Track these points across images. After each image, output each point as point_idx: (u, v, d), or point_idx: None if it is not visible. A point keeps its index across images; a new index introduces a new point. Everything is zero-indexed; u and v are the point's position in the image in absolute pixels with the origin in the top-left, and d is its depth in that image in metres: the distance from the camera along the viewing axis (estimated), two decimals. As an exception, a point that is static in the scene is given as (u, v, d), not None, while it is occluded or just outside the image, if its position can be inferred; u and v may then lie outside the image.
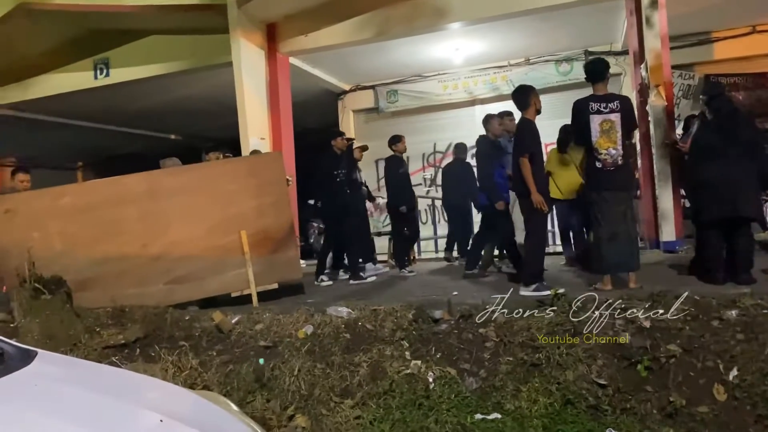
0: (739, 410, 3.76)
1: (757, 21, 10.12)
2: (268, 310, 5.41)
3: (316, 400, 4.42)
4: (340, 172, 7.59)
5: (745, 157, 5.07)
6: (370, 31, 9.29)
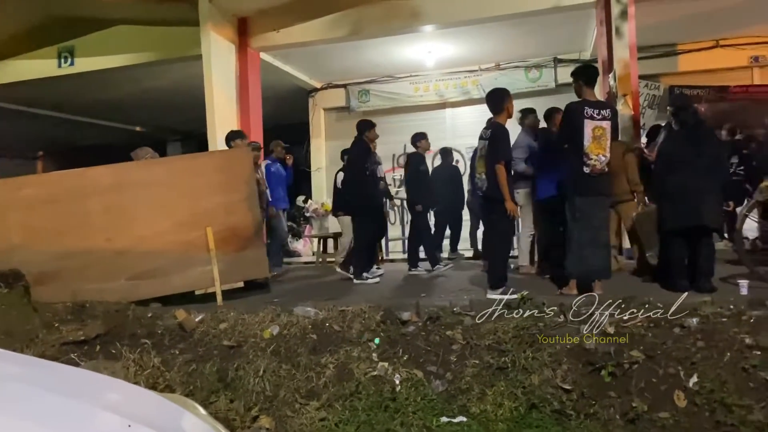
0: (699, 416, 3.84)
1: (721, 35, 10.40)
2: (232, 309, 5.33)
3: (281, 401, 4.36)
4: (368, 166, 7.40)
5: (710, 169, 5.18)
6: (343, 30, 9.25)
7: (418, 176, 8.13)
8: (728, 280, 5.46)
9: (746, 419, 3.71)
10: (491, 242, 5.62)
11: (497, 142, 5.43)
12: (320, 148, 13.09)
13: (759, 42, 10.40)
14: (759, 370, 3.95)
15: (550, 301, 4.85)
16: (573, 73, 5.54)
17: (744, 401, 3.80)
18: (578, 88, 5.38)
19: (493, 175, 5.33)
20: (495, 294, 5.25)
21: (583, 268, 5.24)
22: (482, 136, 5.60)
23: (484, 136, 5.55)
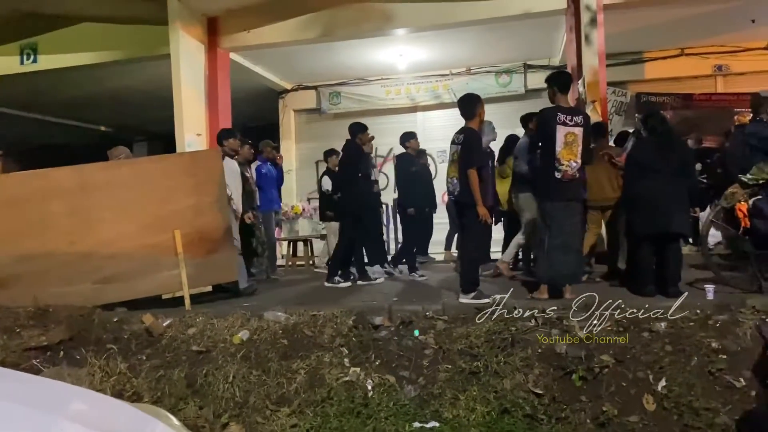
0: (667, 420, 3.90)
1: (686, 44, 10.63)
2: (201, 314, 5.24)
3: (251, 407, 4.30)
4: (360, 168, 7.30)
5: (678, 175, 5.27)
6: (314, 31, 9.19)
7: (409, 178, 7.97)
8: (694, 285, 5.56)
9: (713, 422, 3.79)
10: (463, 246, 5.62)
11: (470, 148, 5.44)
12: (290, 150, 12.97)
13: (722, 51, 10.65)
14: (725, 374, 4.04)
15: (521, 305, 4.87)
16: (547, 79, 5.58)
17: (711, 404, 3.88)
18: (552, 94, 5.42)
19: (466, 180, 5.34)
20: (467, 298, 5.25)
21: (553, 272, 5.28)
22: (454, 141, 5.60)
23: (457, 141, 5.55)
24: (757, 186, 5.05)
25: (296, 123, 13.01)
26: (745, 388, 3.91)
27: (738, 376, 3.99)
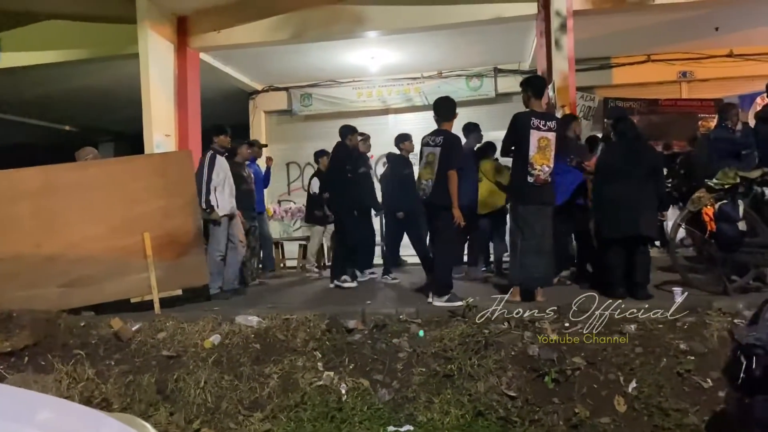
0: (638, 421, 3.96)
1: (652, 51, 10.83)
2: (171, 318, 5.17)
3: (223, 413, 4.25)
4: (349, 169, 7.21)
5: (647, 179, 5.36)
6: (286, 32, 9.11)
7: (402, 180, 7.66)
8: (662, 287, 5.66)
9: (682, 423, 3.86)
10: (437, 249, 5.62)
11: (452, 149, 5.47)
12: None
13: (687, 58, 10.86)
14: (693, 375, 4.13)
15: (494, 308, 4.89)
16: (522, 83, 5.62)
17: (680, 405, 3.96)
18: (526, 98, 5.46)
19: (445, 182, 5.35)
20: (440, 301, 5.26)
21: (525, 275, 5.32)
22: (428, 143, 5.59)
23: (432, 143, 5.55)
24: (722, 190, 5.17)
25: (267, 124, 12.87)
26: (712, 389, 3.99)
27: (705, 376, 4.08)
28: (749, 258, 5.19)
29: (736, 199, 5.09)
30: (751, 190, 5.17)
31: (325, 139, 12.51)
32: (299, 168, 12.72)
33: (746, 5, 8.38)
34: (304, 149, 12.53)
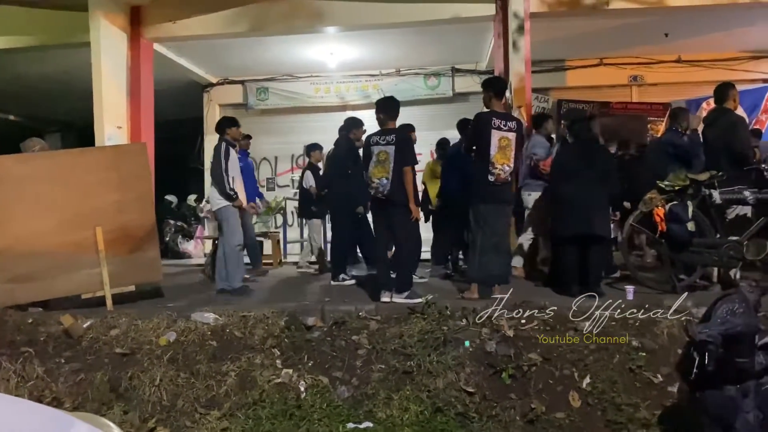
0: (592, 416, 4.07)
1: (605, 54, 11.11)
2: (124, 315, 5.04)
3: (179, 411, 4.18)
4: (348, 164, 7.06)
5: (600, 180, 5.50)
6: (244, 25, 8.98)
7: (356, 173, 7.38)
8: (614, 285, 5.82)
9: (634, 417, 3.97)
10: (398, 246, 5.62)
11: (406, 147, 5.49)
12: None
13: (638, 63, 11.21)
14: (644, 371, 4.25)
15: (453, 305, 4.94)
16: (484, 83, 5.68)
17: (632, 400, 4.07)
18: (488, 98, 5.52)
19: (400, 179, 5.37)
20: (401, 298, 5.27)
21: (484, 273, 5.38)
22: (378, 142, 5.56)
23: (382, 142, 5.53)
24: (673, 192, 5.34)
25: (221, 118, 12.67)
26: (662, 384, 4.13)
27: (656, 372, 4.21)
28: (697, 257, 5.38)
29: (686, 200, 5.27)
30: (700, 192, 5.35)
31: (281, 135, 12.46)
32: (255, 163, 12.55)
33: (694, 14, 8.66)
34: (259, 144, 12.35)
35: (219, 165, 6.34)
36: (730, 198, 5.35)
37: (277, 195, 11.96)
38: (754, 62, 11.02)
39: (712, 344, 2.66)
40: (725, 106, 5.79)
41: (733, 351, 2.66)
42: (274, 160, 12.59)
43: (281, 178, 12.58)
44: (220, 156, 6.38)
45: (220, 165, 6.33)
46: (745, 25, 9.50)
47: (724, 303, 2.79)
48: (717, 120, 5.76)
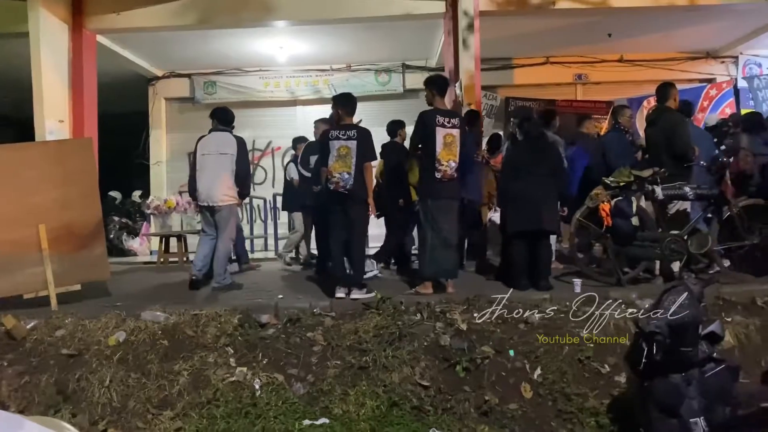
0: (543, 406, 4.18)
1: (551, 53, 11.37)
2: (70, 315, 4.90)
3: (130, 412, 4.08)
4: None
5: (549, 177, 5.64)
6: (191, 17, 8.79)
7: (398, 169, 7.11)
8: (562, 278, 5.97)
9: (583, 406, 4.10)
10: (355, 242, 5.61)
11: (367, 143, 5.53)
12: (160, 141, 12.35)
13: (583, 62, 11.50)
14: (592, 361, 4.39)
15: (407, 300, 4.99)
16: (426, 81, 5.74)
17: (581, 390, 4.20)
18: (431, 96, 5.59)
19: (363, 174, 5.39)
20: (360, 294, 5.28)
21: (435, 268, 5.45)
22: (339, 137, 5.53)
23: (343, 137, 5.51)
24: (618, 188, 5.52)
25: (167, 112, 12.38)
26: (610, 374, 4.28)
27: (603, 362, 4.36)
28: (641, 251, 5.58)
29: (630, 196, 5.46)
30: (643, 188, 5.55)
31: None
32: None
33: (635, 15, 8.95)
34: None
35: (245, 161, 6.29)
36: (671, 194, 5.57)
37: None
38: (691, 62, 11.50)
39: (659, 335, 2.77)
40: (667, 105, 6.02)
41: (679, 341, 2.79)
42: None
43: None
44: (246, 151, 6.28)
45: (246, 161, 6.28)
46: (682, 27, 9.89)
47: (670, 295, 2.91)
48: (659, 119, 5.98)
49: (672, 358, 2.81)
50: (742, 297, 4.93)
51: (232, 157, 6.16)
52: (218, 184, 6.09)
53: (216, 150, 6.18)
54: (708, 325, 2.93)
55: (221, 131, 6.34)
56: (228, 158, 6.14)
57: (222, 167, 6.12)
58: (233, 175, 6.13)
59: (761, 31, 10.09)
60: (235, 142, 6.23)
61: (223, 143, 6.20)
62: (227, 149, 6.16)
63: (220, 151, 6.16)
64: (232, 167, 6.13)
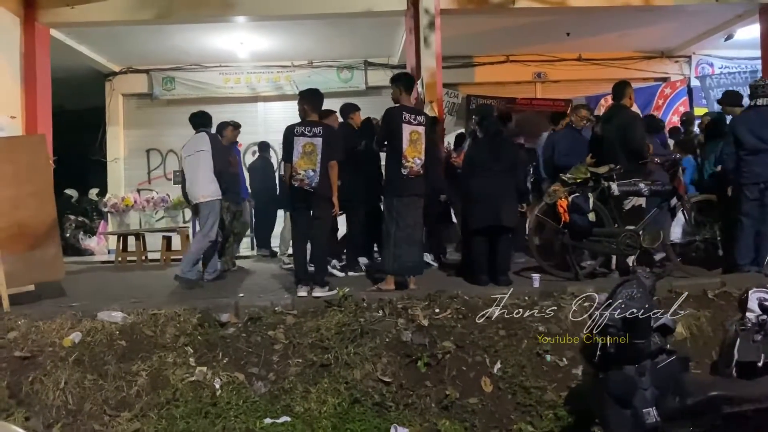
0: (503, 399, 4.25)
1: (511, 52, 11.51)
2: (23, 316, 4.78)
3: (86, 414, 4.02)
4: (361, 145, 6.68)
5: (508, 173, 5.72)
6: (149, 12, 8.61)
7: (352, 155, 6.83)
8: (521, 273, 6.06)
9: (542, 399, 4.20)
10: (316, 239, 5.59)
11: (335, 141, 5.52)
12: (118, 137, 12.09)
13: (542, 60, 11.67)
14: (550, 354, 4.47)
15: (369, 297, 5.01)
16: (392, 79, 5.77)
17: (539, 383, 4.29)
18: (398, 93, 5.60)
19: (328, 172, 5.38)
20: (323, 292, 5.25)
21: (398, 264, 5.47)
22: (304, 133, 5.49)
23: (308, 134, 5.47)
24: (575, 184, 5.63)
25: (125, 108, 12.12)
26: (567, 367, 4.38)
27: (561, 356, 4.45)
28: (597, 246, 5.70)
29: (587, 192, 5.57)
30: (600, 185, 5.67)
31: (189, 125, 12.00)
32: (161, 155, 12.15)
33: (594, 14, 9.11)
34: (166, 135, 11.95)
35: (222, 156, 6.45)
36: (627, 190, 5.70)
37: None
38: (646, 62, 11.78)
39: (613, 327, 2.85)
40: (622, 103, 6.15)
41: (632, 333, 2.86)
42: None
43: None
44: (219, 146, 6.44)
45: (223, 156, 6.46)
46: (638, 27, 10.11)
47: (623, 289, 2.98)
48: (615, 116, 6.11)
49: (625, 350, 2.87)
50: (693, 290, 5.08)
51: (207, 153, 6.34)
52: (196, 182, 6.33)
53: (194, 150, 6.43)
54: (660, 318, 3.01)
55: (198, 133, 6.58)
56: (204, 155, 6.34)
57: (199, 165, 6.33)
58: (211, 171, 6.30)
59: (713, 31, 10.39)
60: (209, 139, 6.44)
61: (199, 143, 6.45)
62: (203, 147, 6.38)
63: (197, 149, 6.40)
64: (210, 164, 6.30)
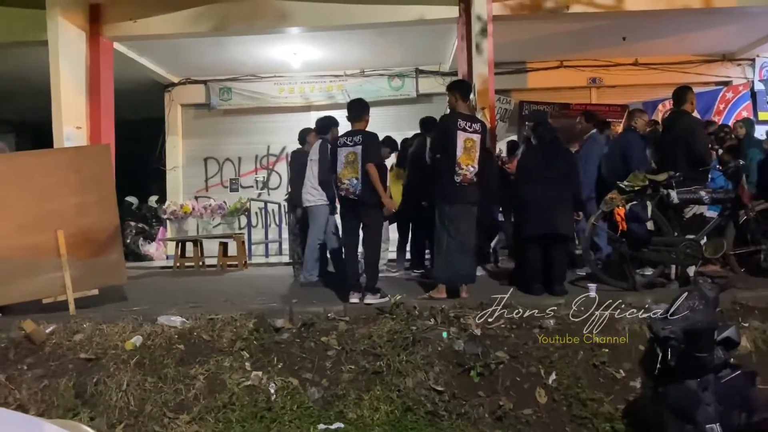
0: (558, 411, 4.17)
1: (565, 57, 11.34)
2: (88, 319, 4.95)
3: (147, 416, 4.13)
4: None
5: (564, 181, 5.62)
6: (206, 25, 8.88)
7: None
8: (577, 283, 5.94)
9: (598, 411, 4.09)
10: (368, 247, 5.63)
11: (370, 146, 5.55)
12: (176, 146, 12.48)
13: (597, 65, 11.46)
14: (607, 366, 4.37)
15: (421, 305, 5.00)
16: (449, 86, 5.77)
17: (596, 395, 4.19)
18: (454, 100, 5.60)
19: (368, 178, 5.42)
20: (374, 299, 5.28)
21: (450, 273, 5.44)
22: (346, 143, 5.57)
23: (350, 143, 5.55)
24: (633, 192, 5.49)
25: (183, 118, 12.52)
26: (625, 379, 4.26)
27: (618, 367, 4.33)
28: (656, 256, 5.54)
29: (645, 200, 5.42)
30: (658, 192, 5.51)
31: (245, 135, 12.37)
32: (218, 163, 12.47)
33: (650, 18, 8.90)
34: (222, 144, 12.30)
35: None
36: (687, 198, 5.53)
37: (241, 196, 11.89)
38: (706, 65, 11.41)
39: (674, 340, 2.77)
40: (683, 109, 5.98)
41: (694, 346, 2.77)
42: (238, 160, 12.47)
43: (245, 179, 12.47)
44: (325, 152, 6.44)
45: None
46: (697, 30, 9.83)
47: (684, 300, 2.90)
48: (676, 122, 5.95)
49: (687, 363, 2.79)
50: (759, 302, 4.88)
51: (314, 162, 6.56)
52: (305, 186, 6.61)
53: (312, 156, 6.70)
54: (723, 330, 2.91)
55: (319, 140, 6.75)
56: (312, 164, 6.57)
57: (311, 171, 6.60)
58: (315, 178, 6.53)
59: (778, 33, 10.01)
60: (318, 147, 6.61)
61: (312, 150, 6.71)
62: (313, 155, 6.63)
63: (310, 158, 6.68)
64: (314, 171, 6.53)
